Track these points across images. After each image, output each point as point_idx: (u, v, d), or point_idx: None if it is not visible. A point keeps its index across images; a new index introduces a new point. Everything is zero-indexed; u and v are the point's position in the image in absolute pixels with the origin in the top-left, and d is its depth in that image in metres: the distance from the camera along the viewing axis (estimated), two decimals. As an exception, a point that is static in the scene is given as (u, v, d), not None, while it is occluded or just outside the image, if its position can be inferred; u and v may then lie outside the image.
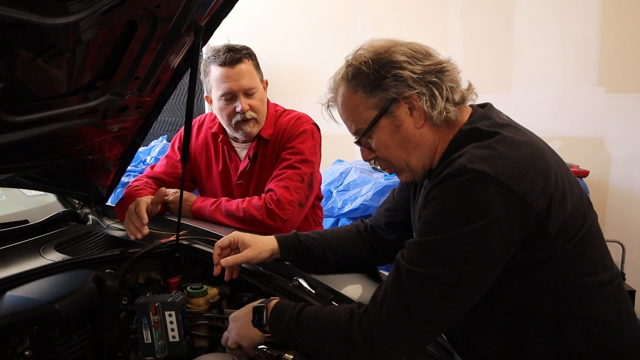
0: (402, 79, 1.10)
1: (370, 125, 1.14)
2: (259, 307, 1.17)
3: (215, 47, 1.83)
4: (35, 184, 1.59)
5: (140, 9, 1.14)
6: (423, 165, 1.18)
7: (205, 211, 1.76)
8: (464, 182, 0.99)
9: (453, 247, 0.99)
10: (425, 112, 1.11)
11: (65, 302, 1.14)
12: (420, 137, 1.15)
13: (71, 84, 1.24)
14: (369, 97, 1.13)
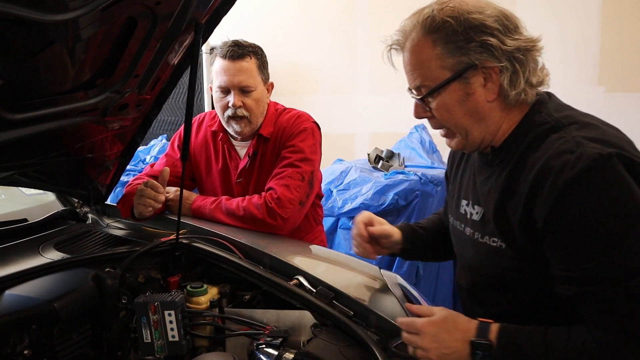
0: (490, 48, 1.03)
1: (439, 86, 1.07)
2: (480, 343, 1.01)
3: (225, 40, 1.84)
4: (34, 182, 1.58)
5: (140, 5, 1.13)
6: (482, 139, 1.12)
7: (205, 210, 1.76)
8: (609, 171, 0.92)
9: None
10: (502, 88, 1.06)
11: (64, 301, 1.14)
12: (489, 111, 1.09)
13: (70, 82, 1.23)
14: (447, 57, 1.05)
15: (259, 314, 1.35)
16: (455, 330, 1.05)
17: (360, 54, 3.94)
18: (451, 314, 1.09)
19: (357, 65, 3.97)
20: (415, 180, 2.76)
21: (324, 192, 2.87)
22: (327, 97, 4.06)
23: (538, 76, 1.08)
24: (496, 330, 1.02)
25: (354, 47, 3.93)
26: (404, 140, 3.41)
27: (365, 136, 4.03)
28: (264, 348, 1.24)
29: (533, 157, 1.02)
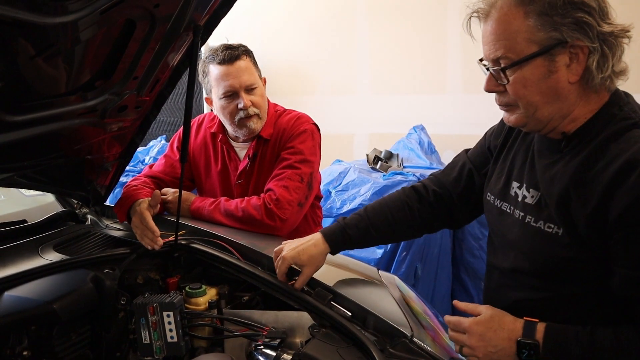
0: (585, 26, 0.98)
1: (522, 59, 1.03)
2: (527, 344, 1.03)
3: (212, 47, 1.83)
4: (33, 183, 1.59)
5: (139, 8, 1.13)
6: (549, 120, 1.09)
7: (204, 211, 1.76)
8: None
9: None
10: (588, 70, 1.01)
11: (63, 302, 1.14)
12: (566, 93, 1.04)
13: (70, 83, 1.24)
14: (539, 30, 1.01)
15: (258, 315, 1.35)
16: (501, 329, 1.07)
17: (359, 54, 3.94)
18: (497, 312, 1.10)
19: (357, 66, 3.97)
20: (413, 181, 2.76)
21: (323, 193, 2.88)
22: (327, 97, 4.07)
23: (623, 66, 1.05)
24: (543, 329, 1.03)
25: (353, 47, 3.93)
26: (402, 141, 3.41)
27: (364, 137, 4.03)
28: (262, 349, 1.25)
29: (615, 149, 0.99)
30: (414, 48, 3.73)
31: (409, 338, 1.17)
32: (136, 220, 1.57)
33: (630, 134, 1.00)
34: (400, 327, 1.20)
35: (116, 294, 1.34)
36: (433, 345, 1.20)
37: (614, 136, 1.02)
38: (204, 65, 1.83)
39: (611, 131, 1.02)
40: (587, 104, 1.06)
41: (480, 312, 1.12)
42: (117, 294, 1.34)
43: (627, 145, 0.98)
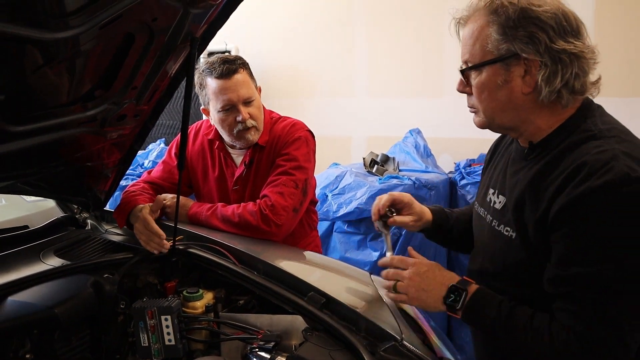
0: (536, 41, 1.05)
1: (479, 64, 1.12)
2: (458, 288, 1.15)
3: (209, 60, 1.86)
4: (35, 190, 1.62)
5: (137, 22, 1.17)
6: (510, 125, 1.16)
7: (202, 216, 1.80)
8: (633, 193, 0.96)
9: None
10: (537, 83, 1.08)
11: (64, 307, 1.18)
12: (522, 103, 1.11)
13: (70, 94, 1.27)
14: (496, 40, 1.09)
15: (253, 319, 1.39)
16: (440, 276, 1.20)
17: (357, 58, 3.97)
18: (442, 267, 1.23)
19: (355, 69, 4.01)
20: (409, 184, 2.80)
21: (320, 196, 2.92)
22: (325, 100, 4.10)
23: (583, 84, 1.09)
24: (475, 287, 1.15)
25: (351, 51, 3.96)
26: (399, 144, 3.44)
27: (361, 139, 4.06)
28: (257, 352, 1.28)
29: (569, 159, 1.05)
30: (411, 52, 3.77)
31: (399, 341, 1.21)
32: (140, 226, 1.60)
33: (586, 145, 1.05)
34: (391, 331, 1.24)
35: (115, 298, 1.37)
36: (423, 348, 1.24)
37: (572, 147, 1.07)
38: (201, 77, 1.86)
39: (570, 142, 1.08)
40: (553, 115, 1.12)
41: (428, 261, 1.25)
42: (117, 299, 1.38)
43: (579, 155, 1.04)
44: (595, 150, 1.03)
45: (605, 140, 1.04)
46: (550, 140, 1.12)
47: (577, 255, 1.02)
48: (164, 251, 1.55)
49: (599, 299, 1.00)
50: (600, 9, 3.48)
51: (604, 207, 0.98)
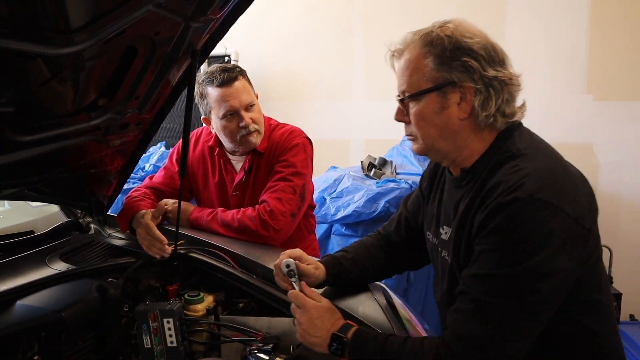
0: (471, 70, 1.12)
1: (418, 93, 1.17)
2: (338, 336, 1.18)
3: (208, 70, 1.90)
4: (41, 196, 1.67)
5: (140, 36, 1.22)
6: (447, 153, 1.22)
7: (202, 221, 1.84)
8: (530, 213, 1.02)
9: (529, 277, 1.03)
10: (474, 109, 1.14)
11: (71, 311, 1.22)
12: (458, 128, 1.17)
13: (75, 105, 1.31)
14: (433, 70, 1.15)
15: (252, 321, 1.43)
16: (328, 321, 1.22)
17: (355, 62, 4.01)
18: (333, 308, 1.26)
19: (353, 73, 4.05)
20: (405, 188, 2.84)
21: (318, 200, 2.96)
22: (324, 103, 4.14)
23: (512, 109, 1.17)
24: (353, 331, 1.19)
25: (349, 55, 4.00)
26: (396, 147, 3.48)
27: (360, 142, 4.10)
28: (257, 353, 1.33)
29: (491, 181, 1.11)
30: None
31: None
32: (142, 232, 1.64)
33: (504, 167, 1.11)
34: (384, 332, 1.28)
35: (119, 301, 1.41)
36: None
37: (494, 168, 1.13)
38: (201, 87, 1.90)
39: (493, 164, 1.14)
40: (481, 140, 1.19)
41: (321, 300, 1.27)
42: (120, 302, 1.42)
43: (497, 177, 1.10)
44: (511, 170, 1.09)
45: (521, 159, 1.11)
46: (478, 164, 1.18)
47: (480, 261, 1.09)
48: (166, 256, 1.60)
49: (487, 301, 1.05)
50: (596, 13, 3.52)
51: (508, 221, 1.04)
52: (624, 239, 3.59)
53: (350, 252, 1.51)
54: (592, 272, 1.13)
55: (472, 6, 3.68)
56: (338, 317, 1.24)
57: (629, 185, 3.60)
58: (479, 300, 1.07)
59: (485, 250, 1.08)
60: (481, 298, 1.06)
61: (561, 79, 3.63)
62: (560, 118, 3.65)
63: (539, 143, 1.18)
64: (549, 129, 3.65)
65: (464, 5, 3.69)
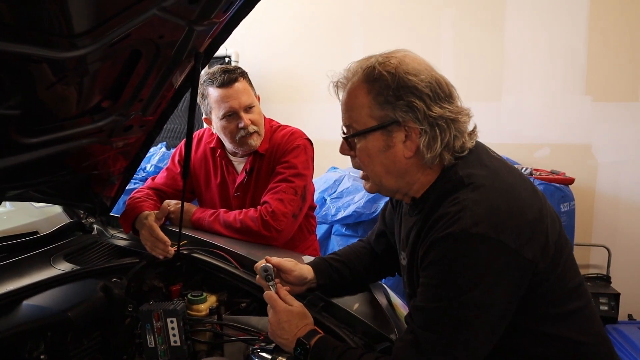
0: (415, 110, 1.10)
1: (363, 132, 1.15)
2: (303, 343, 1.21)
3: (209, 71, 1.92)
4: (45, 197, 1.68)
5: (144, 40, 1.23)
6: (397, 189, 1.22)
7: (205, 222, 1.86)
8: (468, 247, 1.02)
9: (465, 310, 1.03)
10: (419, 149, 1.13)
11: (77, 311, 1.24)
12: (405, 166, 1.16)
13: (79, 107, 1.33)
14: (377, 107, 1.12)
15: (255, 321, 1.45)
16: (295, 326, 1.24)
17: (355, 63, 4.03)
18: (304, 313, 1.27)
19: (352, 74, 4.07)
20: (405, 188, 2.86)
21: (319, 200, 2.98)
22: (323, 104, 4.15)
23: (461, 143, 1.14)
24: (317, 338, 1.21)
25: (348, 56, 4.00)
26: (396, 148, 3.49)
27: (360, 143, 4.13)
28: (259, 352, 1.34)
29: (435, 215, 1.10)
30: (408, 57, 3.82)
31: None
32: (146, 233, 1.66)
33: (447, 200, 1.10)
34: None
35: (124, 301, 1.43)
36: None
37: (438, 201, 1.13)
38: (202, 88, 1.92)
39: (437, 196, 1.14)
40: (429, 174, 1.18)
41: (295, 305, 1.28)
42: (125, 302, 1.44)
43: (441, 210, 1.09)
44: (451, 203, 1.08)
45: (462, 190, 1.09)
46: (427, 195, 1.18)
47: (419, 294, 1.11)
48: (169, 256, 1.62)
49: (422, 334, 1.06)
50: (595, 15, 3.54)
51: (441, 256, 1.05)
52: (622, 239, 3.61)
53: (339, 255, 1.53)
54: (558, 285, 1.12)
55: (472, 8, 3.70)
56: (307, 322, 1.26)
57: (628, 185, 3.62)
58: (415, 333, 1.08)
59: (424, 283, 1.10)
60: (417, 331, 1.08)
61: (560, 80, 3.65)
62: (560, 119, 3.67)
63: (487, 167, 1.15)
64: (548, 130, 3.69)
65: (463, 7, 3.71)
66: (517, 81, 3.69)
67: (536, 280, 1.08)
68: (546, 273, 1.09)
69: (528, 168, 3.43)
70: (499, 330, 1.08)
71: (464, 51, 3.70)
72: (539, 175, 3.33)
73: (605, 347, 1.20)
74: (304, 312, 1.28)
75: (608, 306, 3.18)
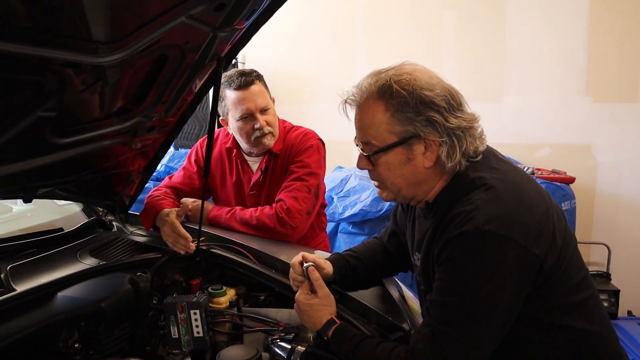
0: (435, 124, 1.14)
1: (385, 148, 1.19)
2: (320, 336, 1.30)
3: (226, 74, 1.99)
4: (69, 195, 1.75)
5: (171, 45, 1.30)
6: (414, 196, 1.27)
7: (221, 219, 1.92)
8: (481, 244, 1.08)
9: (479, 303, 1.10)
10: (440, 159, 1.17)
11: (109, 301, 1.31)
12: (424, 176, 1.21)
13: (108, 109, 1.40)
14: (396, 124, 1.16)
15: (273, 313, 1.52)
16: (315, 315, 1.32)
17: (358, 64, 4.08)
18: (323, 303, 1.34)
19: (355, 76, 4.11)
20: (411, 187, 2.92)
21: (326, 199, 3.04)
22: (327, 105, 4.20)
23: (476, 146, 1.20)
24: (334, 329, 1.28)
25: (352, 58, 4.07)
26: (400, 148, 3.55)
27: (364, 143, 4.19)
28: (279, 342, 1.42)
29: (449, 215, 1.17)
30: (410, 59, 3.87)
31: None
32: (167, 229, 1.73)
33: (460, 201, 1.16)
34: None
35: (149, 294, 1.49)
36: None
37: (452, 202, 1.18)
38: (220, 90, 1.99)
39: (451, 198, 1.20)
40: (444, 179, 1.23)
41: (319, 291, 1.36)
42: (150, 294, 1.50)
43: (454, 211, 1.15)
44: (464, 204, 1.14)
45: (475, 192, 1.15)
46: (440, 198, 1.23)
47: (435, 289, 1.17)
48: (190, 252, 1.69)
49: (438, 327, 1.13)
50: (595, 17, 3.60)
51: (456, 254, 1.11)
52: (621, 237, 3.69)
53: (355, 252, 1.59)
54: (565, 278, 1.18)
55: (474, 10, 3.76)
56: (324, 312, 1.32)
57: (627, 185, 3.69)
58: (431, 325, 1.14)
59: (439, 278, 1.16)
60: (433, 324, 1.14)
61: (561, 81, 3.71)
62: (560, 119, 3.73)
63: (495, 169, 1.20)
64: (549, 130, 3.76)
65: (465, 9, 3.77)
66: (518, 82, 3.76)
67: (544, 275, 1.14)
68: (553, 268, 1.15)
69: (530, 167, 3.50)
70: (507, 323, 1.14)
71: (466, 52, 3.76)
72: (541, 174, 3.39)
73: (611, 336, 1.27)
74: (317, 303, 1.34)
75: (608, 302, 3.25)
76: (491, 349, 1.15)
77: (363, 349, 1.22)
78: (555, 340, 1.19)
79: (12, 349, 1.18)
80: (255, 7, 1.32)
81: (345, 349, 1.24)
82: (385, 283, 1.59)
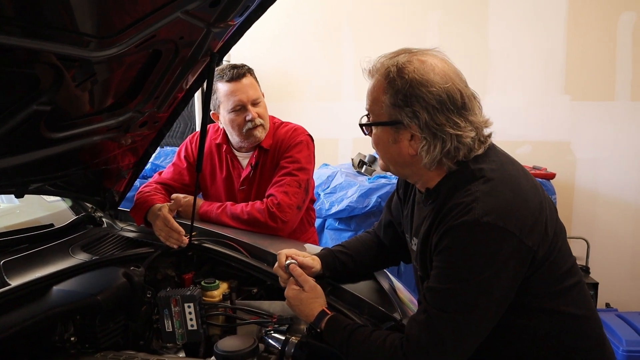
0: (417, 118, 1.19)
1: (374, 124, 1.28)
2: (314, 329, 1.33)
3: (218, 67, 2.00)
4: (59, 191, 1.74)
5: (166, 40, 1.31)
6: (404, 175, 1.34)
7: (212, 214, 1.94)
8: (479, 235, 1.12)
9: (475, 291, 1.13)
10: (417, 152, 1.23)
11: (105, 295, 1.32)
12: (410, 161, 1.26)
13: (102, 104, 1.41)
14: (389, 106, 1.22)
15: (266, 305, 1.54)
16: (307, 308, 1.36)
17: (344, 63, 4.12)
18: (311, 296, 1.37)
19: (342, 74, 4.16)
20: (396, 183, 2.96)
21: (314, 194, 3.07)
22: (313, 104, 4.24)
23: (466, 152, 1.22)
24: (326, 320, 1.32)
25: (339, 57, 4.10)
26: (385, 145, 3.59)
27: (348, 141, 4.21)
28: (273, 334, 1.44)
29: (448, 205, 1.20)
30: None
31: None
32: (160, 224, 1.73)
33: (460, 191, 1.20)
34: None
35: (143, 288, 1.50)
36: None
37: (451, 192, 1.22)
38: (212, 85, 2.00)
39: (450, 187, 1.23)
40: (435, 172, 1.27)
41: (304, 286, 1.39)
42: (144, 288, 1.51)
43: (454, 201, 1.19)
44: (463, 194, 1.18)
45: (473, 183, 1.19)
46: (440, 186, 1.27)
47: (433, 276, 1.20)
48: (183, 246, 1.70)
49: (435, 313, 1.16)
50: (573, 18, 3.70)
51: (455, 243, 1.15)
52: (600, 232, 3.79)
53: (345, 246, 1.62)
54: (555, 267, 1.22)
55: (457, 12, 3.83)
56: (316, 305, 1.36)
57: (605, 181, 3.79)
58: (428, 311, 1.18)
59: (437, 266, 1.19)
60: (430, 310, 1.17)
61: (540, 80, 3.80)
62: (540, 117, 3.82)
63: (494, 162, 1.24)
64: (529, 128, 3.84)
65: (448, 10, 3.84)
66: (500, 82, 3.84)
67: (535, 264, 1.19)
68: (544, 258, 1.20)
69: (512, 164, 3.57)
70: (501, 310, 1.19)
71: (449, 53, 3.79)
72: (522, 170, 3.46)
73: (597, 320, 1.32)
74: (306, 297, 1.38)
75: (587, 295, 3.34)
76: (484, 335, 1.19)
77: (356, 337, 1.25)
78: (541, 323, 1.24)
79: (7, 342, 1.18)
80: (248, 3, 1.34)
81: (338, 338, 1.28)
82: (376, 275, 1.62)
